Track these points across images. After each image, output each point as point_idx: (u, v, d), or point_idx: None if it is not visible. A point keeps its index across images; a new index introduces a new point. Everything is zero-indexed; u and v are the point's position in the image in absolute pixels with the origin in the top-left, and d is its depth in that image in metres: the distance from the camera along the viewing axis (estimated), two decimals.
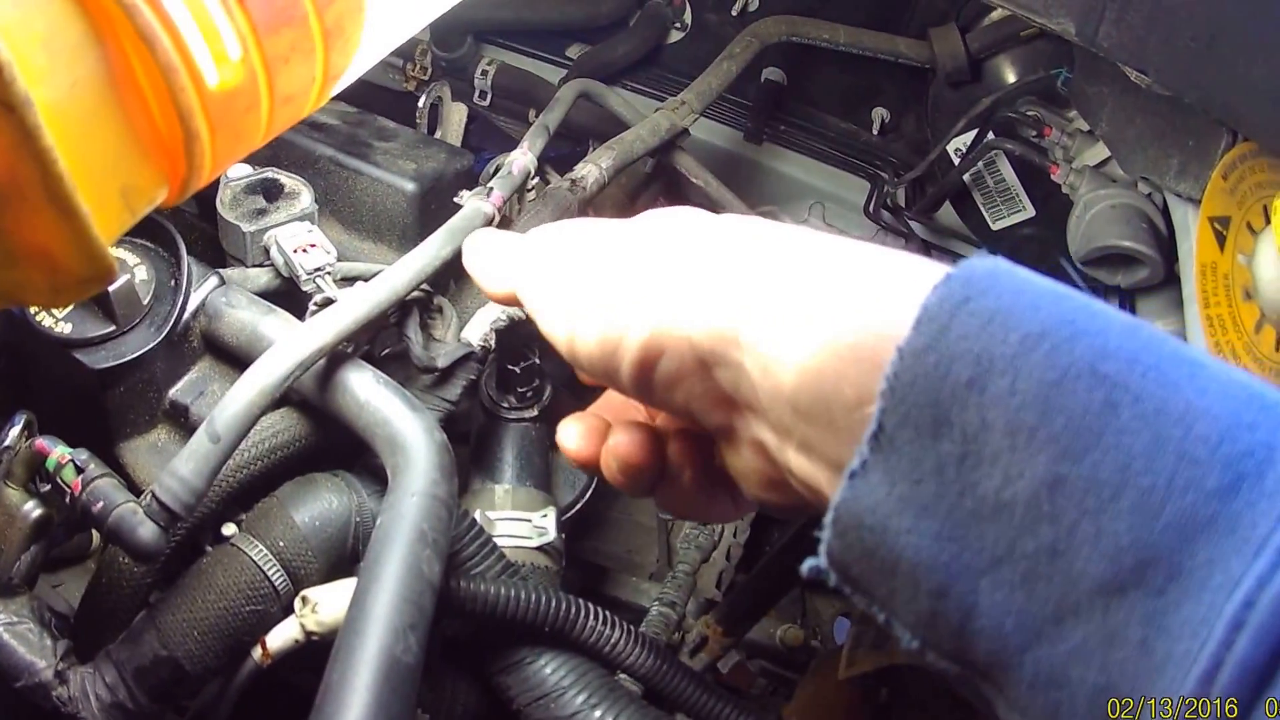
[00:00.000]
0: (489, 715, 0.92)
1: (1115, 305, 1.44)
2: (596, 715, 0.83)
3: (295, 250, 0.91)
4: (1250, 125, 0.97)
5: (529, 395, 1.01)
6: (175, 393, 0.87)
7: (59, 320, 0.81)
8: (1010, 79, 1.55)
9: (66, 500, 0.73)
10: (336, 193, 1.05)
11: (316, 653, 0.69)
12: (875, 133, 1.74)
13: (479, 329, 0.91)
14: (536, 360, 1.00)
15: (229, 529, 0.83)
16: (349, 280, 0.90)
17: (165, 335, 0.83)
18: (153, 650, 0.77)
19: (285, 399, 0.82)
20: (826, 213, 1.74)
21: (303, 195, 0.96)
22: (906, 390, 0.39)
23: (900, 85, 1.72)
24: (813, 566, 0.43)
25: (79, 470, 0.73)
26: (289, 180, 0.97)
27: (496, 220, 0.99)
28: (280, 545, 0.80)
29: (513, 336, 0.94)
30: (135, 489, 0.76)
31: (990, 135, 1.50)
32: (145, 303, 0.83)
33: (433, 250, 0.87)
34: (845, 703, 1.17)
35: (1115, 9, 0.94)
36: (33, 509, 0.75)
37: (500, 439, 1.00)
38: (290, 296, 0.90)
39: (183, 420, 0.87)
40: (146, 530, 0.70)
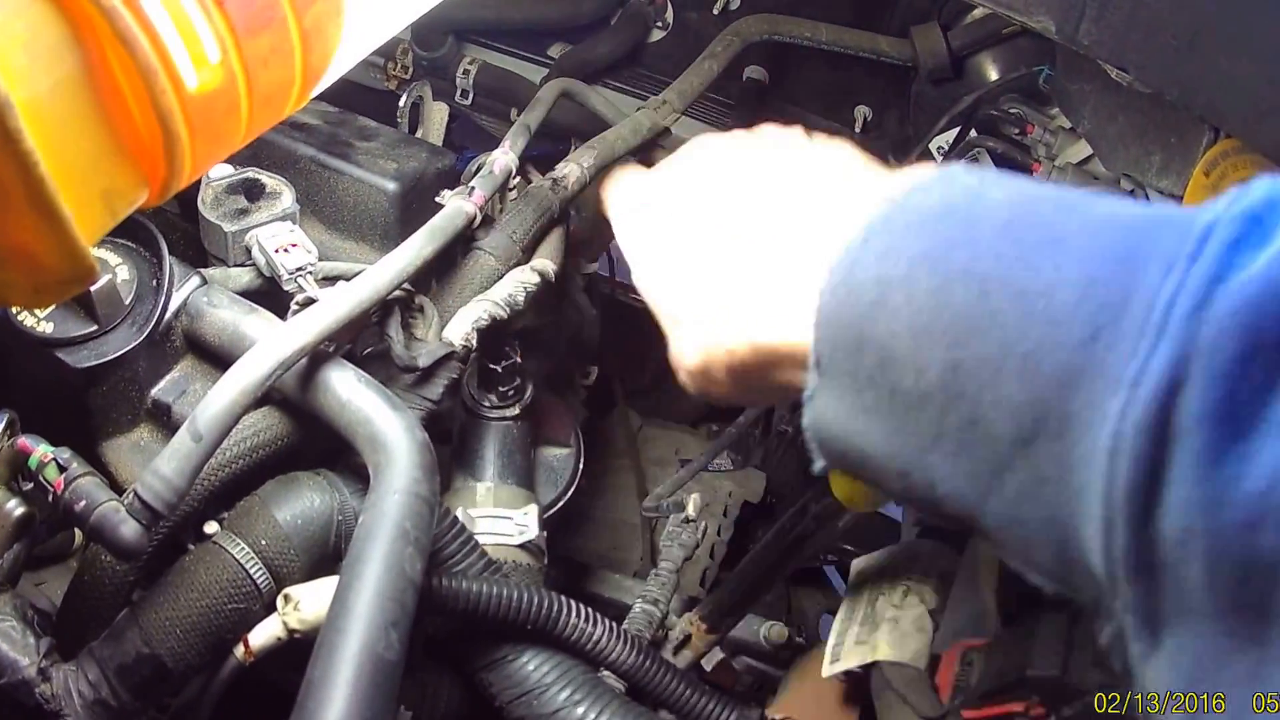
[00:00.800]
0: (472, 713, 0.93)
1: None
2: (579, 712, 0.84)
3: (277, 250, 0.91)
4: (1232, 122, 0.97)
5: (510, 394, 1.02)
6: (157, 392, 0.88)
7: (41, 320, 0.81)
8: (992, 76, 1.55)
9: (49, 499, 0.73)
10: (318, 192, 1.05)
11: (299, 650, 0.70)
12: (858, 131, 1.74)
13: (460, 328, 0.92)
14: (518, 359, 1.01)
15: (211, 527, 0.84)
16: (330, 280, 0.91)
17: (147, 335, 0.83)
18: (135, 648, 0.78)
19: (267, 398, 0.83)
20: None
21: (284, 195, 0.97)
22: (829, 322, 0.50)
23: (883, 83, 1.73)
24: (820, 467, 0.54)
25: (61, 469, 0.73)
26: (270, 180, 0.98)
27: (478, 220, 1.00)
28: (262, 543, 0.81)
29: (494, 335, 0.95)
30: (118, 488, 0.77)
31: (973, 133, 1.51)
32: (127, 302, 0.83)
33: (414, 250, 0.88)
34: (829, 699, 1.19)
35: (1095, 7, 0.95)
36: (15, 507, 0.76)
37: (482, 437, 1.01)
38: (272, 296, 0.91)
39: (165, 419, 0.88)
40: (128, 529, 0.71)
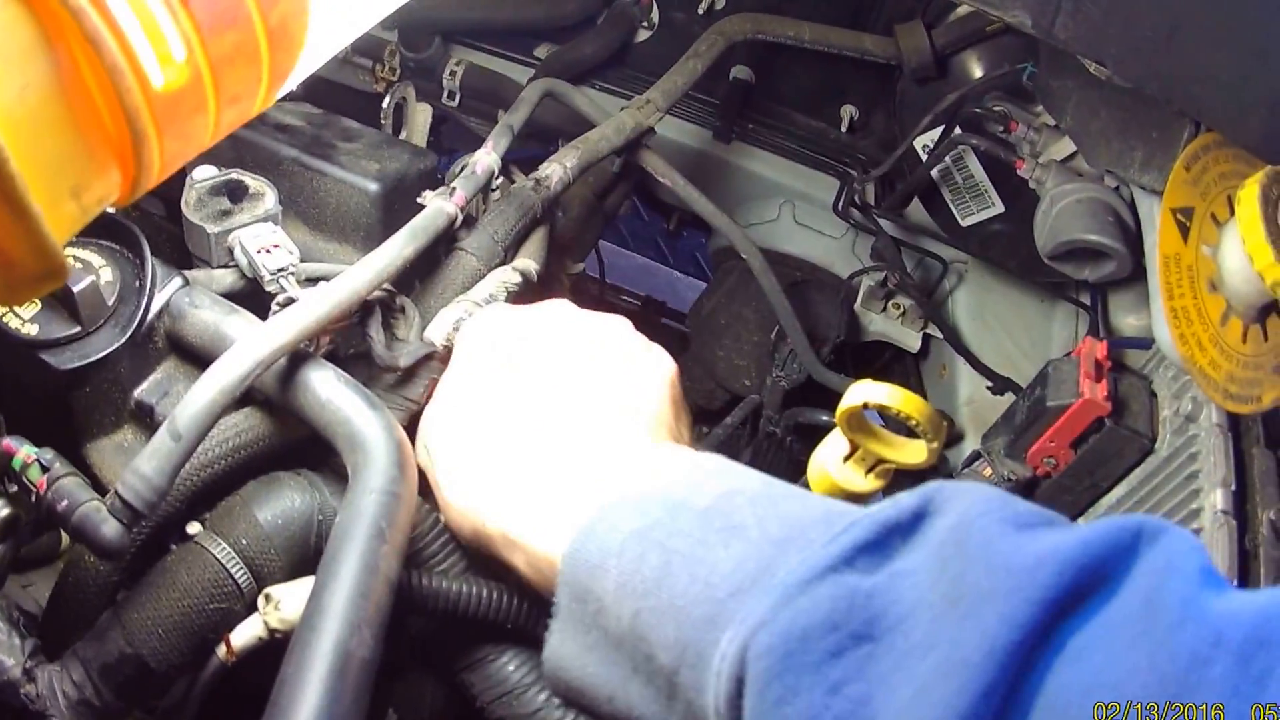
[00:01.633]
0: (456, 713, 0.94)
1: (1087, 299, 1.47)
2: (558, 714, 0.85)
3: (259, 251, 0.92)
4: (1213, 115, 0.97)
5: None
6: (140, 393, 0.89)
7: (25, 321, 0.82)
8: (977, 74, 1.56)
9: (33, 499, 0.74)
10: (301, 193, 1.06)
11: (282, 650, 0.70)
12: (844, 130, 1.76)
13: (442, 328, 0.93)
14: None
15: (193, 528, 0.85)
16: (312, 280, 0.92)
17: (130, 336, 0.84)
18: (118, 648, 0.79)
19: (248, 398, 0.84)
20: (796, 211, 1.76)
21: (267, 196, 0.98)
22: (566, 581, 0.67)
23: (868, 82, 1.74)
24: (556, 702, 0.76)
25: (44, 469, 0.74)
26: (253, 181, 0.98)
27: (460, 220, 1.01)
28: (243, 543, 0.82)
29: None
30: (101, 489, 0.77)
31: (957, 131, 1.52)
32: (110, 304, 0.84)
33: (394, 250, 0.89)
34: None
35: (1071, 1, 0.95)
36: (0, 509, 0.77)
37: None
38: (254, 297, 0.92)
39: (148, 420, 0.89)
40: (110, 528, 0.72)
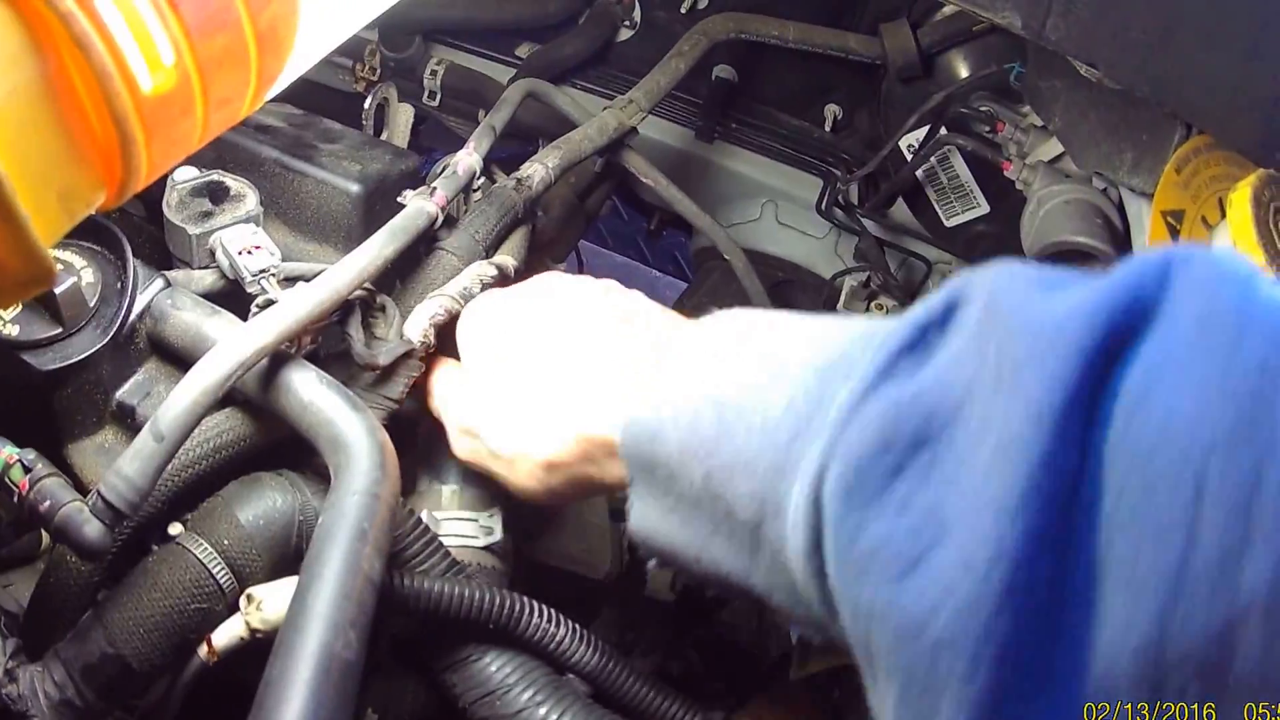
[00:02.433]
0: (438, 714, 0.95)
1: None
2: (541, 713, 0.86)
3: (240, 252, 0.93)
4: (1205, 118, 0.99)
5: None
6: (122, 394, 0.90)
7: (6, 323, 0.83)
8: (963, 74, 1.58)
9: (14, 500, 0.76)
10: (282, 195, 1.07)
11: (264, 651, 0.72)
12: (828, 129, 1.77)
13: (418, 324, 0.94)
14: None
15: (175, 528, 0.86)
16: (292, 281, 0.93)
17: (111, 337, 0.85)
18: (100, 648, 0.80)
19: (229, 399, 0.85)
20: (779, 211, 1.77)
21: (248, 198, 0.99)
22: (628, 454, 0.68)
23: (853, 82, 1.76)
24: (651, 564, 0.72)
25: (26, 470, 0.75)
26: (234, 183, 1.00)
27: (440, 220, 1.02)
28: (225, 544, 0.83)
29: (454, 332, 0.97)
30: (83, 489, 0.79)
31: (943, 131, 1.54)
32: (92, 305, 0.86)
33: (374, 250, 0.91)
34: (797, 703, 1.21)
35: (1062, 2, 0.96)
36: None
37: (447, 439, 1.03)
38: (235, 298, 0.93)
39: (129, 421, 0.90)
40: (92, 528, 0.73)
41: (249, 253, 0.93)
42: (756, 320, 0.67)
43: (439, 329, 0.95)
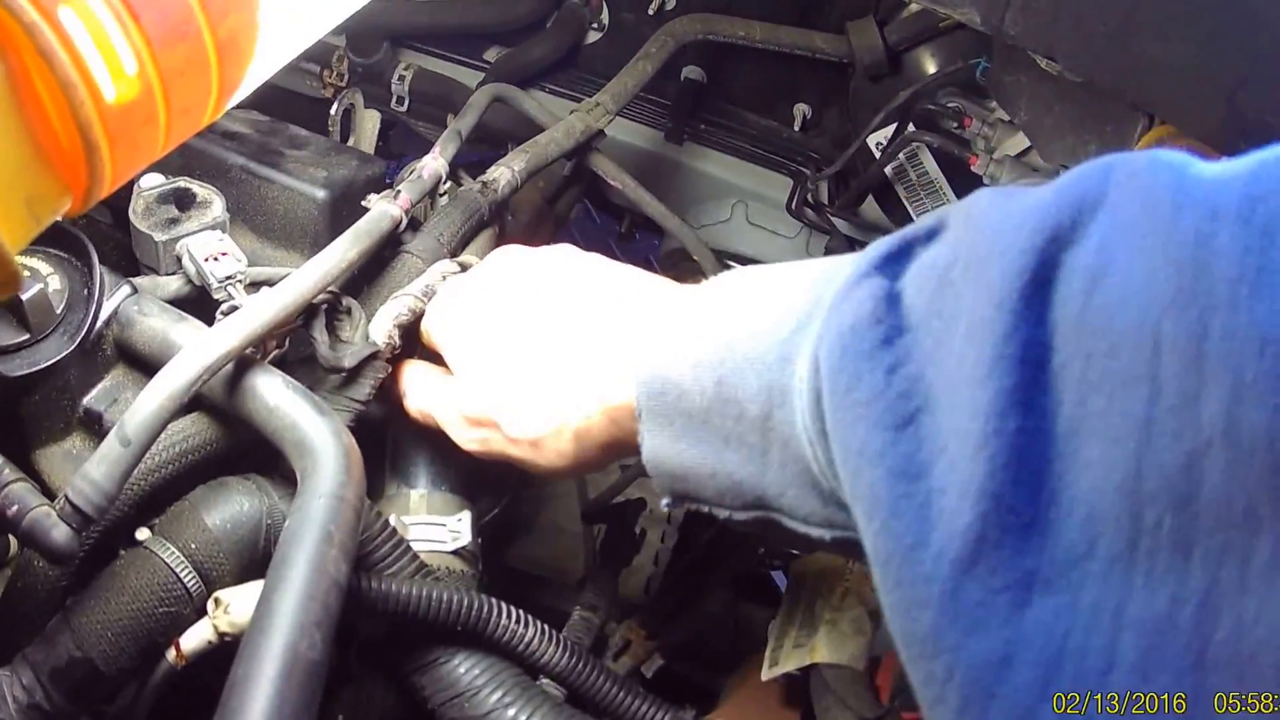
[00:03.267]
0: (407, 717, 0.97)
1: None
2: (510, 714, 0.88)
3: (206, 259, 0.95)
4: (1165, 108, 1.01)
5: None
6: (89, 400, 0.92)
7: None
8: (930, 70, 1.59)
9: None
10: (249, 201, 1.09)
11: (232, 654, 0.74)
12: (797, 129, 1.80)
13: (383, 325, 0.96)
14: None
15: (142, 533, 0.88)
16: (258, 286, 0.95)
17: (79, 343, 0.87)
18: (68, 652, 0.82)
19: (196, 403, 0.87)
20: (749, 211, 1.79)
21: (215, 204, 1.01)
22: (643, 379, 0.73)
23: (821, 80, 1.78)
24: (666, 502, 0.77)
25: None
26: (201, 189, 1.02)
27: (404, 223, 1.04)
28: (192, 547, 0.85)
29: (418, 332, 0.99)
30: (50, 494, 0.80)
31: (911, 128, 1.56)
32: (59, 311, 0.87)
33: (338, 254, 0.93)
34: (769, 703, 1.24)
35: None
36: None
37: (415, 442, 1.05)
38: (202, 304, 0.95)
39: (96, 427, 0.92)
40: (60, 533, 0.75)
41: (215, 259, 0.96)
42: (755, 268, 0.75)
43: (404, 329, 0.97)
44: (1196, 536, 0.45)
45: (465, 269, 1.03)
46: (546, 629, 0.93)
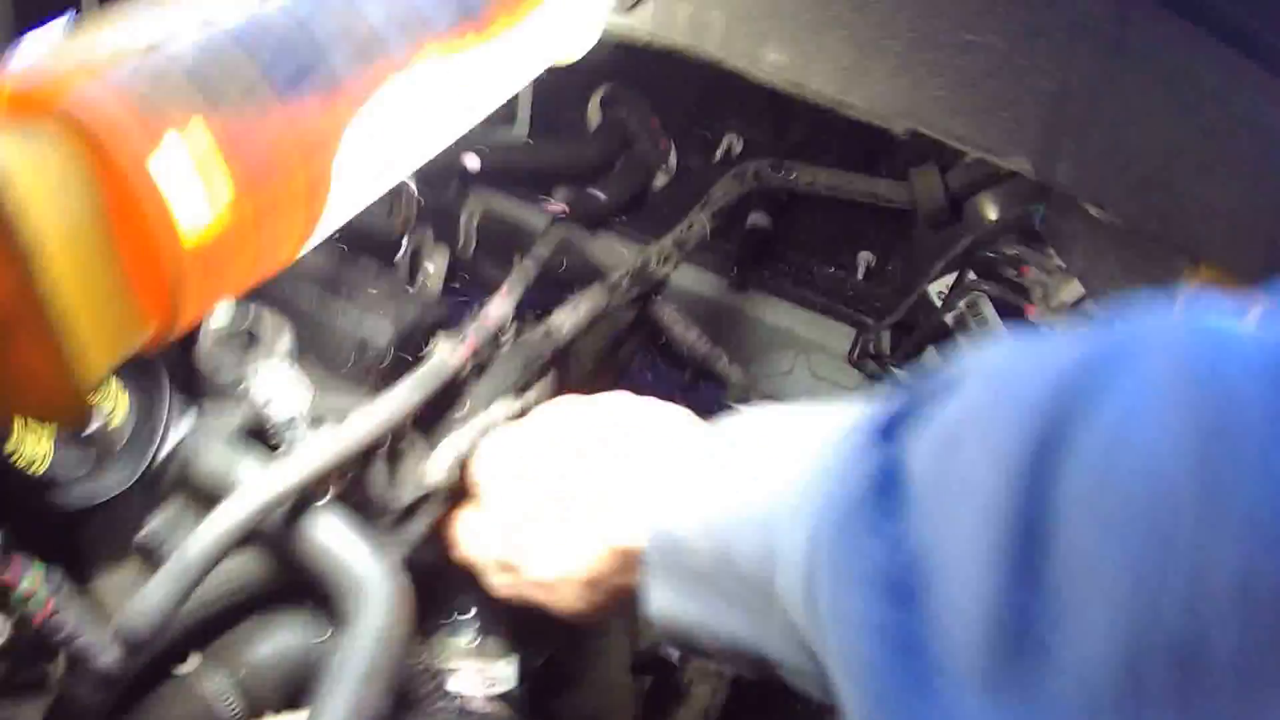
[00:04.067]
0: None
1: None
2: None
3: (271, 398, 0.97)
4: (1209, 249, 1.01)
5: None
6: (146, 531, 0.93)
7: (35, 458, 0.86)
8: (991, 217, 1.59)
9: (32, 624, 0.78)
10: (318, 332, 1.11)
11: None
12: (860, 277, 1.80)
13: (440, 463, 0.97)
14: None
15: (189, 663, 0.88)
16: (320, 421, 0.97)
17: (139, 477, 0.88)
18: None
19: (252, 538, 0.88)
20: (811, 362, 1.80)
21: (284, 336, 1.03)
22: (654, 535, 0.76)
23: (885, 227, 1.79)
24: (667, 650, 0.82)
25: (51, 592, 0.77)
26: (272, 317, 1.04)
27: (467, 368, 1.06)
28: (239, 676, 0.86)
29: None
30: (103, 619, 0.81)
31: (970, 276, 1.56)
32: (123, 443, 0.88)
33: (400, 399, 0.95)
34: None
35: (1072, 145, 0.98)
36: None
37: (465, 585, 1.05)
38: (265, 437, 0.97)
39: (152, 557, 0.93)
40: (107, 660, 0.76)
41: (281, 391, 0.97)
42: (764, 413, 0.79)
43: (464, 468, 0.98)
44: (1203, 702, 0.44)
45: (524, 413, 1.04)
46: None
